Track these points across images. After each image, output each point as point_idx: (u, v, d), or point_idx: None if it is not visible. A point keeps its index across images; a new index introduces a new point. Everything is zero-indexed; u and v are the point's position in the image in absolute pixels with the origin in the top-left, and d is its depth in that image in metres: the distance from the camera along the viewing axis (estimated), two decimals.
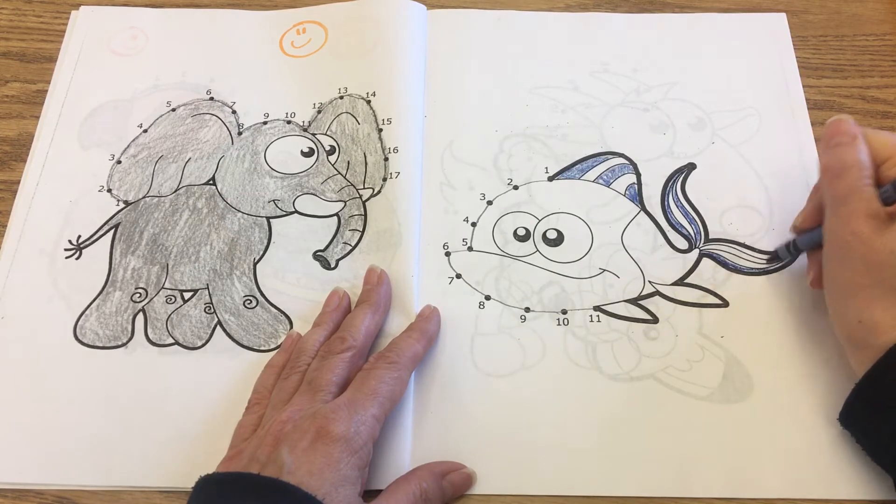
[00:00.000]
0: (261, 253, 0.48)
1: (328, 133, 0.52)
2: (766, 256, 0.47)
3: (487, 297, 0.47)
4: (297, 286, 0.47)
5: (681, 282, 0.47)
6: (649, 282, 0.47)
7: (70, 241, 0.49)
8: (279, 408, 0.39)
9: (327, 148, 0.52)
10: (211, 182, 0.51)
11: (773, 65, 0.55)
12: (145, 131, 0.53)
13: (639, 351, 0.45)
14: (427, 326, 0.44)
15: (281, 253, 0.48)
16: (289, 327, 0.46)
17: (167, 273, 0.47)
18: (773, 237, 0.48)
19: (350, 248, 0.48)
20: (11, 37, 0.57)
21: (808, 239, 0.44)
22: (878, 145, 0.40)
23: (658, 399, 0.43)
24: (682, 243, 0.48)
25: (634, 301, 0.46)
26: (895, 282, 0.37)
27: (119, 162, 0.51)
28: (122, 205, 0.50)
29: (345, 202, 0.50)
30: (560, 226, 0.49)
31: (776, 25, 0.57)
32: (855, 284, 0.38)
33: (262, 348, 0.45)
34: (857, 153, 0.40)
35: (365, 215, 0.49)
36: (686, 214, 0.49)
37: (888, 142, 0.40)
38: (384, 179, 0.50)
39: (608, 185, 0.50)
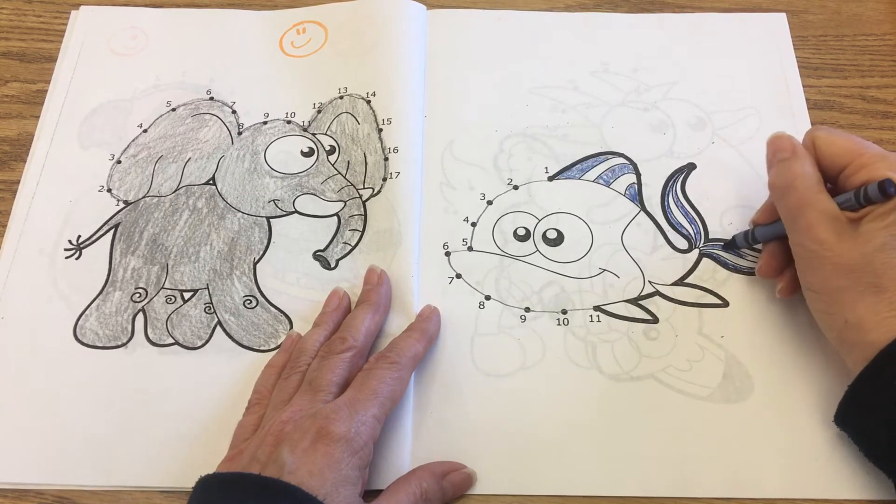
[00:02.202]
0: (261, 253, 0.48)
1: (328, 133, 0.52)
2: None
3: (487, 297, 0.47)
4: (297, 286, 0.47)
5: (681, 282, 0.47)
6: (649, 282, 0.47)
7: (70, 241, 0.49)
8: (280, 408, 0.39)
9: (327, 148, 0.52)
10: (211, 182, 0.51)
11: (773, 65, 0.55)
12: (145, 131, 0.53)
13: (639, 351, 0.45)
14: (427, 326, 0.44)
15: (281, 253, 0.48)
16: (289, 327, 0.46)
17: (167, 273, 0.47)
18: None
19: (350, 247, 0.48)
20: (11, 37, 0.57)
21: (765, 231, 0.44)
22: (833, 152, 0.40)
23: (658, 399, 0.43)
24: (682, 243, 0.48)
25: (634, 301, 0.46)
26: (871, 280, 0.37)
27: (119, 162, 0.51)
28: (122, 205, 0.50)
29: (345, 202, 0.50)
30: (560, 226, 0.49)
31: (776, 25, 0.57)
32: (833, 288, 0.38)
33: (262, 348, 0.45)
34: (800, 166, 0.40)
35: (365, 215, 0.49)
36: (686, 214, 0.49)
37: (844, 147, 0.40)
38: (384, 179, 0.50)
39: (608, 185, 0.50)
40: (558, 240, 0.48)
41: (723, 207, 0.49)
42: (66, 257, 0.48)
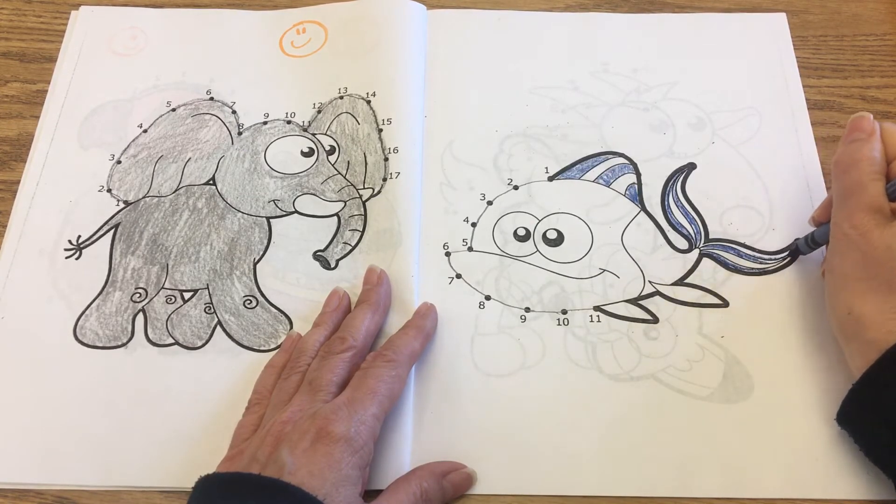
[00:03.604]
0: (261, 253, 0.48)
1: (328, 133, 0.52)
2: (766, 256, 0.47)
3: (487, 297, 0.47)
4: (297, 286, 0.47)
5: (681, 282, 0.47)
6: (649, 282, 0.47)
7: (70, 241, 0.49)
8: (279, 408, 0.39)
9: (327, 148, 0.52)
10: (211, 182, 0.51)
11: (773, 65, 0.55)
12: (145, 131, 0.53)
13: (639, 351, 0.45)
14: (424, 323, 0.44)
15: (281, 253, 0.48)
16: (289, 327, 0.46)
17: (167, 273, 0.47)
18: (773, 237, 0.48)
19: (350, 248, 0.48)
20: (11, 37, 0.57)
21: (824, 232, 0.44)
22: (892, 141, 0.41)
23: (658, 399, 0.43)
24: (682, 243, 0.48)
25: (634, 301, 0.46)
26: (888, 277, 0.37)
27: (119, 162, 0.51)
28: (122, 205, 0.50)
29: (345, 202, 0.50)
30: (560, 226, 0.49)
31: (776, 25, 0.57)
32: (850, 276, 0.39)
33: (262, 348, 0.45)
34: (870, 149, 0.40)
35: (365, 215, 0.49)
36: (686, 214, 0.49)
37: None
38: (384, 179, 0.50)
39: (608, 185, 0.50)
40: (558, 240, 0.48)
41: (723, 207, 0.49)
42: (66, 257, 0.48)
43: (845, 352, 0.40)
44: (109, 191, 0.50)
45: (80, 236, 0.49)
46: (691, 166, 0.51)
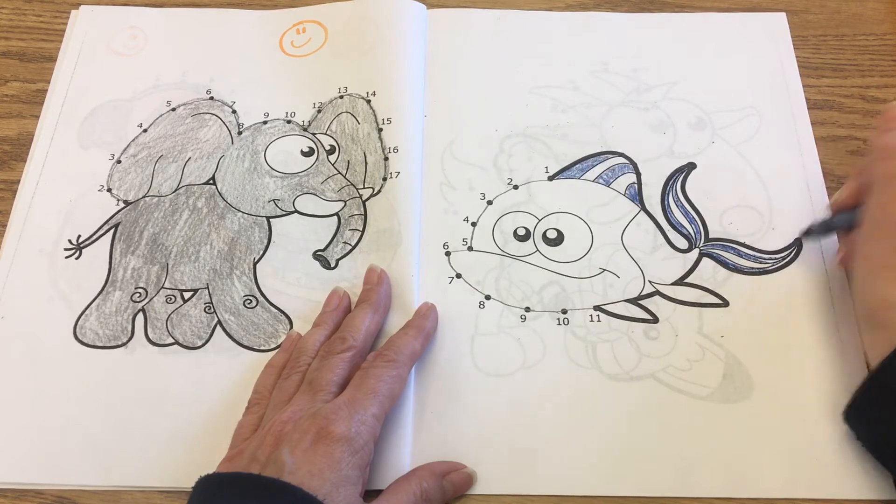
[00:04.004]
0: (261, 253, 0.48)
1: (328, 132, 0.52)
2: (766, 255, 0.47)
3: (487, 297, 0.47)
4: (297, 286, 0.47)
5: (681, 281, 0.47)
6: (649, 281, 0.47)
7: (70, 241, 0.49)
8: (279, 408, 0.39)
9: (327, 147, 0.52)
10: (211, 182, 0.51)
11: (773, 65, 0.55)
12: (145, 131, 0.53)
13: (639, 351, 0.45)
14: (424, 323, 0.44)
15: (281, 253, 0.48)
16: (289, 327, 0.46)
17: (167, 273, 0.47)
18: (773, 237, 0.48)
19: (350, 247, 0.48)
20: (11, 37, 0.57)
21: (844, 219, 0.44)
22: None
23: (658, 399, 0.43)
24: (682, 243, 0.48)
25: (634, 301, 0.46)
26: None
27: (119, 162, 0.51)
28: (122, 204, 0.50)
29: (345, 202, 0.50)
30: (560, 225, 0.49)
31: (776, 25, 0.57)
32: (885, 263, 0.39)
33: (262, 348, 0.45)
34: None
35: (365, 215, 0.49)
36: (686, 214, 0.49)
37: None
38: (384, 179, 0.50)
39: (608, 184, 0.50)
40: (558, 240, 0.48)
41: (723, 207, 0.49)
42: (66, 257, 0.48)
43: (868, 340, 0.40)
44: (109, 190, 0.50)
45: (80, 236, 0.49)
46: (691, 166, 0.51)
